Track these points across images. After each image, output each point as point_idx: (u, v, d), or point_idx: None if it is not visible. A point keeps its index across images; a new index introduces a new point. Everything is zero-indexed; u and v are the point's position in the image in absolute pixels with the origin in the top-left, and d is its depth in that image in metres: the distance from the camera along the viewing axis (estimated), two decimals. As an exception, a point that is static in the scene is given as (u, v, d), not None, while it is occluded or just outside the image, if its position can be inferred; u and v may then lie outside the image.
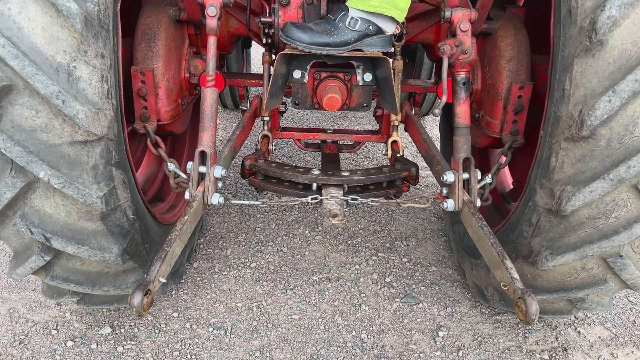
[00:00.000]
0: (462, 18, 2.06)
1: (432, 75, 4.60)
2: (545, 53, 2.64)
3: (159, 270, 1.63)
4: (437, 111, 2.05)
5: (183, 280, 2.95)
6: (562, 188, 1.90)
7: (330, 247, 3.32)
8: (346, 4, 2.14)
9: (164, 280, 1.66)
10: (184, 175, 2.21)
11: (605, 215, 1.88)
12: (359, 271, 3.10)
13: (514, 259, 2.24)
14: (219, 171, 2.05)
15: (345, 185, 2.39)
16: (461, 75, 2.11)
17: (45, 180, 1.77)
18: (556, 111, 1.90)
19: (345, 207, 2.28)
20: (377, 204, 2.23)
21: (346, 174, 2.41)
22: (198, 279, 2.98)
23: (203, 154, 2.07)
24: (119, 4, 1.96)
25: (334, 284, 2.98)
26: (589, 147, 1.81)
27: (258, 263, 3.13)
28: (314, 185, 2.39)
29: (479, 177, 2.16)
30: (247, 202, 2.12)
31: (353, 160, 4.69)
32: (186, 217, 1.87)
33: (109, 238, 2.02)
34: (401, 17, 2.14)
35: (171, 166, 2.30)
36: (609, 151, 1.78)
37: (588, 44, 1.74)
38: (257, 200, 2.23)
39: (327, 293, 2.90)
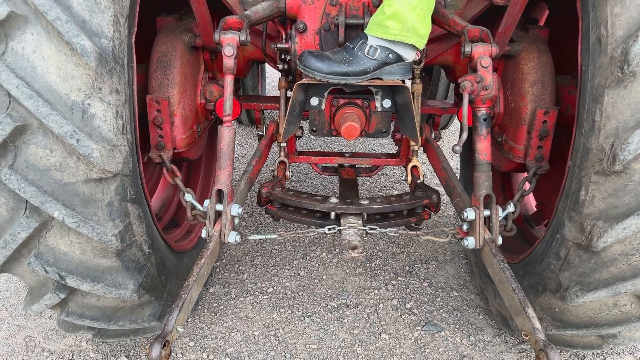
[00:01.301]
0: (482, 53, 1.97)
1: (450, 91, 4.51)
2: (569, 72, 2.56)
3: (177, 319, 1.58)
4: (457, 148, 1.97)
5: (199, 307, 2.91)
6: (592, 223, 1.82)
7: (348, 271, 3.25)
8: (365, 32, 2.09)
9: (182, 330, 1.61)
10: (200, 208, 2.17)
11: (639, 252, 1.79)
12: (378, 296, 3.03)
13: (541, 292, 2.16)
14: (235, 209, 2.01)
15: (365, 214, 2.33)
16: (482, 111, 2.03)
17: (59, 220, 1.74)
18: (585, 143, 1.82)
19: (364, 237, 2.21)
20: (397, 235, 2.16)
21: (365, 202, 2.34)
22: (214, 305, 2.94)
23: (220, 192, 2.03)
24: (134, 36, 1.93)
25: (352, 310, 2.91)
26: (621, 182, 1.73)
27: (275, 288, 3.08)
28: (332, 214, 2.34)
29: (501, 214, 2.07)
30: (264, 237, 2.07)
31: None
32: (203, 260, 1.81)
33: (124, 274, 1.98)
34: (422, 44, 2.07)
35: (188, 197, 2.26)
36: (643, 187, 1.70)
37: (620, 75, 1.66)
38: (273, 233, 2.18)
39: (346, 320, 2.84)
